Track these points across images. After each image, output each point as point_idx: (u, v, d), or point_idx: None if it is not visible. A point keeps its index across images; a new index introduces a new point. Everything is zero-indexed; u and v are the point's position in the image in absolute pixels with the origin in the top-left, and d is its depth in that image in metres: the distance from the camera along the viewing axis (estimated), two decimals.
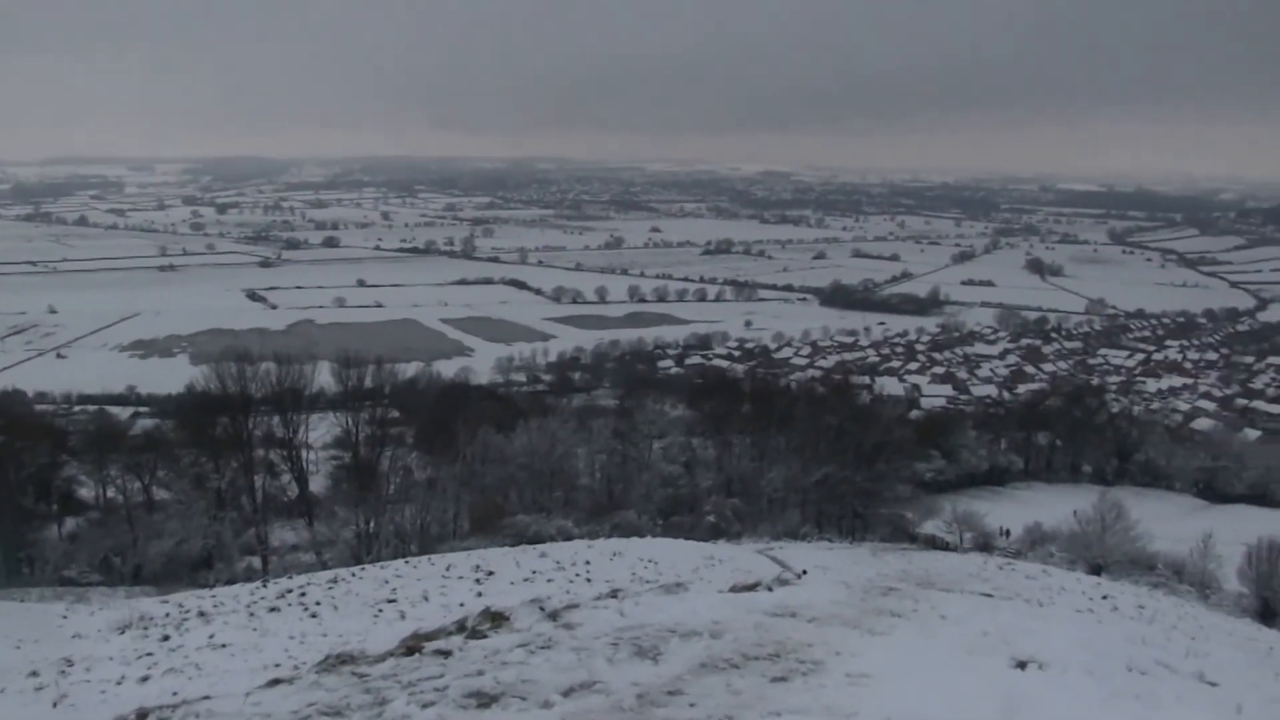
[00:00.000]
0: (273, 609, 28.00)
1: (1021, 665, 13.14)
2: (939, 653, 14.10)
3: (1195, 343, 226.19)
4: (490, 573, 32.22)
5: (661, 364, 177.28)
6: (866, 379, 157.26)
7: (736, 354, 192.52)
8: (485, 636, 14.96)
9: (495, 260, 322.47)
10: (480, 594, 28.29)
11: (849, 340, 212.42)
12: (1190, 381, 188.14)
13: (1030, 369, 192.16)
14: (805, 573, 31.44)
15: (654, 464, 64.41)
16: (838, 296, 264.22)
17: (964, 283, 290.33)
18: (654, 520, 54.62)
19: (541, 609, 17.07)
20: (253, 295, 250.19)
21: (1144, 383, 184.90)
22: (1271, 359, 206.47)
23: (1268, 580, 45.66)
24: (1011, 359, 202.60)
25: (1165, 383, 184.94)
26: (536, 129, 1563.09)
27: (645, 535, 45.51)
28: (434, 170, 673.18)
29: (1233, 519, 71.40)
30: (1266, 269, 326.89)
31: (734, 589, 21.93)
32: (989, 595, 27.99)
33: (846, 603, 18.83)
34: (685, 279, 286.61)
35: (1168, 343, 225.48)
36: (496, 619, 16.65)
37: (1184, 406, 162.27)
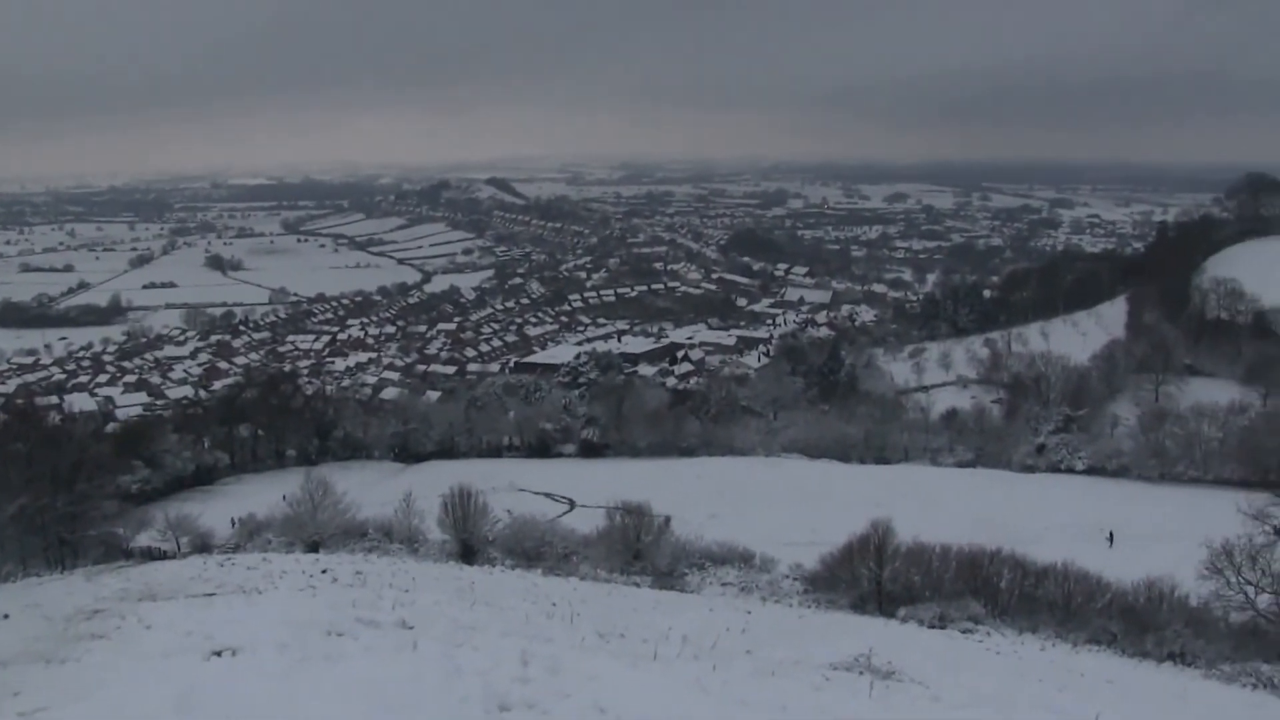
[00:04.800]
0: None
1: (217, 655, 13.36)
2: (133, 664, 13.90)
3: (374, 319, 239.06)
4: None
5: None
6: (54, 398, 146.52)
7: None
8: None
9: None
10: None
11: (29, 361, 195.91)
12: (375, 355, 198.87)
13: (224, 364, 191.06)
14: (7, 616, 29.05)
15: None
16: (10, 315, 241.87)
17: (146, 286, 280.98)
18: None
19: None
20: None
21: (333, 362, 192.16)
22: (441, 326, 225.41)
23: (463, 524, 50.07)
24: (204, 357, 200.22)
25: (352, 359, 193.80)
26: None
27: None
28: None
29: (428, 475, 77.06)
30: (426, 244, 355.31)
31: None
32: (211, 594, 27.77)
33: (45, 637, 17.69)
34: None
35: (350, 322, 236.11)
36: None
37: (372, 379, 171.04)
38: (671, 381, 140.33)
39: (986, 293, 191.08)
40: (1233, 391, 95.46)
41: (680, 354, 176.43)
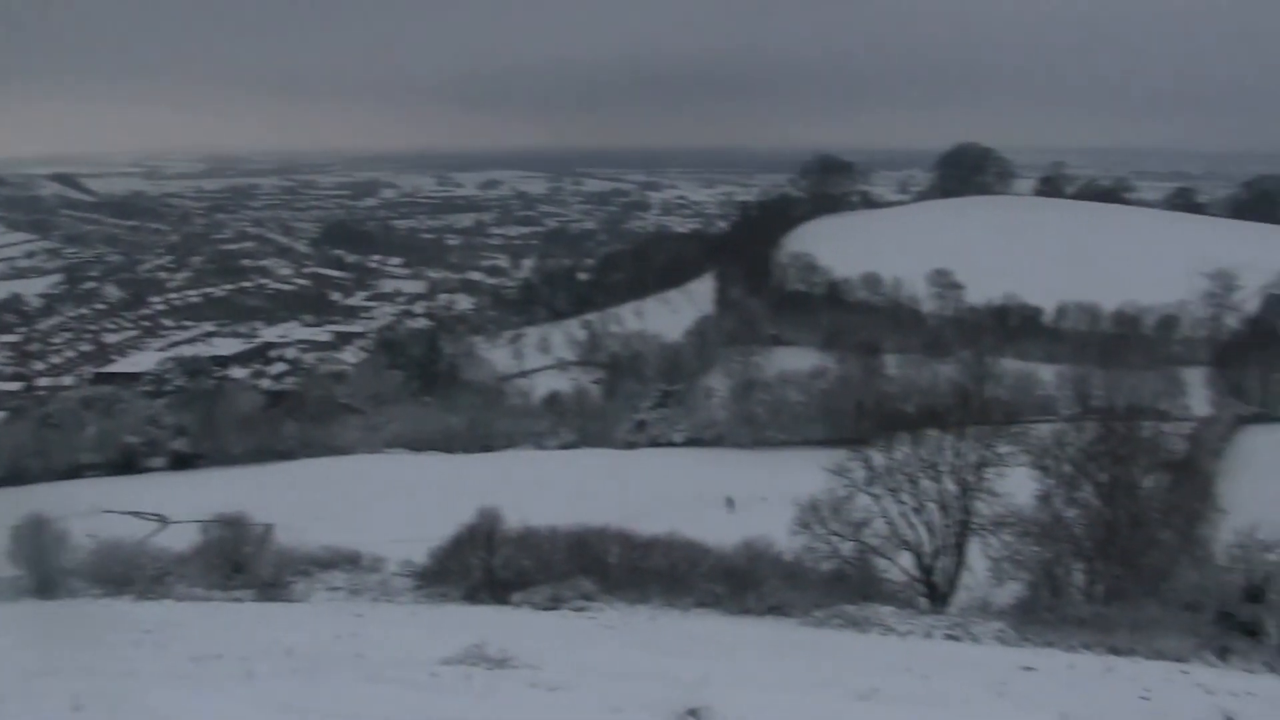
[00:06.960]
0: None
1: None
2: None
3: None
4: None
5: None
6: None
7: None
8: None
9: None
10: None
11: None
12: None
13: None
14: None
15: None
16: None
17: None
18: None
19: None
20: None
21: None
22: (3, 338, 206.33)
23: (39, 556, 45.80)
24: None
25: None
26: None
27: None
28: None
29: None
30: None
31: None
32: None
33: None
34: None
35: None
36: None
37: None
38: (266, 383, 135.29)
39: (582, 276, 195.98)
40: (813, 358, 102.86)
41: (274, 354, 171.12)
